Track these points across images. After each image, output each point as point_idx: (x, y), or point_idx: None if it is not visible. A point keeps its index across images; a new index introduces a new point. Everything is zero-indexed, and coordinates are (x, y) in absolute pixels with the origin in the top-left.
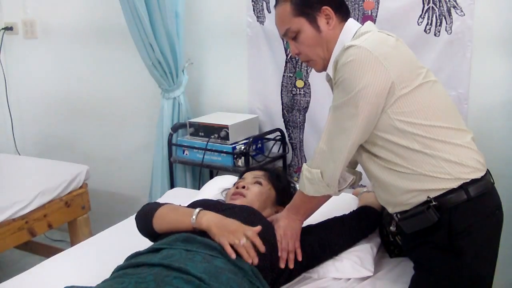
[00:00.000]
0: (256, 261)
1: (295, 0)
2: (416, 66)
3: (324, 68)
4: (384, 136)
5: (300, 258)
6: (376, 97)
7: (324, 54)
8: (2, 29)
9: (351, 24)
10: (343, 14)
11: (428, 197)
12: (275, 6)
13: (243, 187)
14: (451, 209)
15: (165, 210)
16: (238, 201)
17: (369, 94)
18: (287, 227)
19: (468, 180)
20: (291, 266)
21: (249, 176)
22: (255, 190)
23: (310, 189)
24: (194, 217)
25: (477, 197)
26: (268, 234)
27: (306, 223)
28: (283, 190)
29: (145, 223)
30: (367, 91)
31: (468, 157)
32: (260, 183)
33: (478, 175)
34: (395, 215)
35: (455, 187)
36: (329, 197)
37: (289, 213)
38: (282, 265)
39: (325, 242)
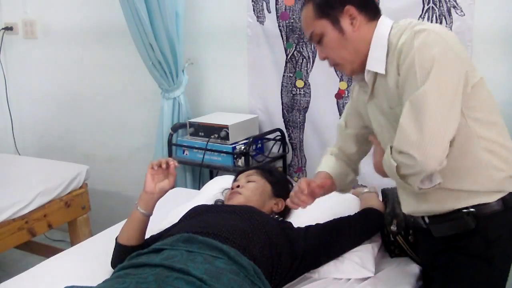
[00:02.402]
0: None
1: (317, 1)
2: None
3: (353, 72)
4: None
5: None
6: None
7: (352, 57)
8: (2, 29)
9: (385, 19)
10: (370, 13)
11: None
12: (301, 9)
13: (238, 186)
14: (489, 217)
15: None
16: (236, 200)
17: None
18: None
19: (509, 191)
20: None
21: (242, 177)
22: (250, 186)
23: None
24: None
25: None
26: (271, 234)
27: (309, 222)
28: (277, 182)
29: (115, 249)
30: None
31: None
32: (253, 180)
33: None
34: (421, 218)
35: (495, 200)
36: None
37: None
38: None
39: (331, 244)
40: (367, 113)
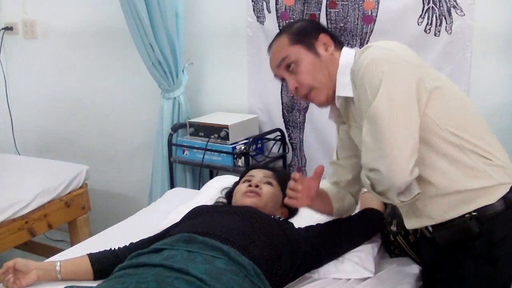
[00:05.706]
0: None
1: (293, 31)
2: (432, 70)
3: (327, 98)
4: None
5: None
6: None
7: (327, 80)
8: (2, 29)
9: (348, 49)
10: (338, 43)
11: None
12: (271, 44)
13: (257, 186)
14: (492, 218)
15: None
16: (254, 201)
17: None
18: None
19: (508, 189)
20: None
21: (258, 174)
22: (268, 191)
23: None
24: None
25: None
26: (271, 234)
27: (309, 222)
28: None
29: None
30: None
31: (504, 156)
32: (270, 184)
33: None
34: (425, 227)
35: (496, 200)
36: None
37: None
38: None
39: (331, 244)
40: (354, 141)
